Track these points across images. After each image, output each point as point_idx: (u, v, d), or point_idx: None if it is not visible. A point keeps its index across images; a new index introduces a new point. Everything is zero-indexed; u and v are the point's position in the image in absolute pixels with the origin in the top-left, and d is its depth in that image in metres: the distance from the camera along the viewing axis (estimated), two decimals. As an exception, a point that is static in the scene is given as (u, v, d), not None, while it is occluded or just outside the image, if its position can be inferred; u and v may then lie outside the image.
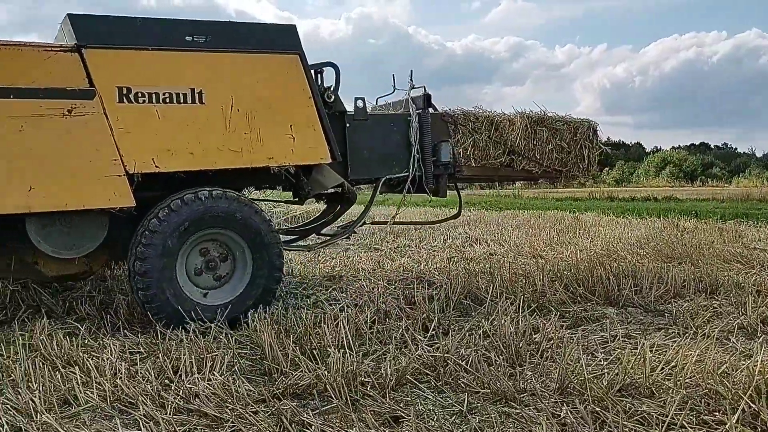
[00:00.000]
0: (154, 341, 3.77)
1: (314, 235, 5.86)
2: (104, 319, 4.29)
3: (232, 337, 3.80)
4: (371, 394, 2.94)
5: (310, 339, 3.64)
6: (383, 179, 5.11)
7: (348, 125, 4.89)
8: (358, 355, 3.36)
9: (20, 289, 4.82)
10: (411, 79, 5.41)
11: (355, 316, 4.08)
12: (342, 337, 3.59)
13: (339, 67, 4.83)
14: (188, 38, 4.10)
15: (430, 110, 5.27)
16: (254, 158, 4.23)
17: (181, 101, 4.03)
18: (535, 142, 5.54)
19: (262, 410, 2.75)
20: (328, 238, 5.47)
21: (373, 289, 5.24)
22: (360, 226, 5.42)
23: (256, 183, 4.98)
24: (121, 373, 3.10)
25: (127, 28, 3.98)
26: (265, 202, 6.81)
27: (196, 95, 4.07)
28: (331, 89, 4.78)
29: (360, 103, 5.00)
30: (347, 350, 3.33)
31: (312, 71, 4.67)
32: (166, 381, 3.10)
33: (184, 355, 3.34)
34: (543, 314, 4.38)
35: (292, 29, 4.43)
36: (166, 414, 2.72)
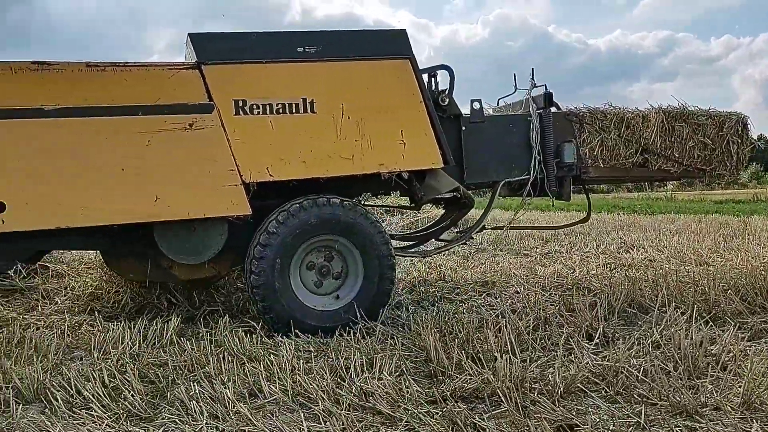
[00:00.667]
0: (323, 341, 3.98)
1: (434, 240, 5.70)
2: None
3: (397, 339, 3.92)
4: (540, 400, 2.92)
5: (473, 343, 3.66)
6: (502, 182, 4.95)
7: (464, 128, 4.81)
8: (523, 361, 3.34)
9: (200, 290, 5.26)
10: (532, 78, 5.24)
11: (515, 322, 4.06)
12: (505, 343, 3.59)
13: (453, 70, 4.77)
14: (300, 49, 4.19)
15: (553, 109, 5.06)
16: (365, 165, 4.27)
17: (294, 111, 4.15)
18: (673, 140, 5.17)
19: (433, 411, 2.82)
20: (445, 244, 5.40)
21: (528, 295, 5.18)
22: (478, 231, 5.27)
23: (369, 189, 4.97)
24: (299, 370, 3.30)
25: (242, 43, 4.16)
26: (383, 208, 6.90)
27: (308, 104, 4.17)
28: (446, 92, 4.72)
29: (476, 105, 4.88)
30: (511, 356, 3.33)
31: (425, 75, 4.68)
32: (338, 379, 3.26)
33: (355, 354, 3.49)
34: (718, 325, 4.10)
35: (402, 34, 4.43)
36: (342, 410, 2.87)
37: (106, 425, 2.74)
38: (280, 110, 4.12)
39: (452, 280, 6.22)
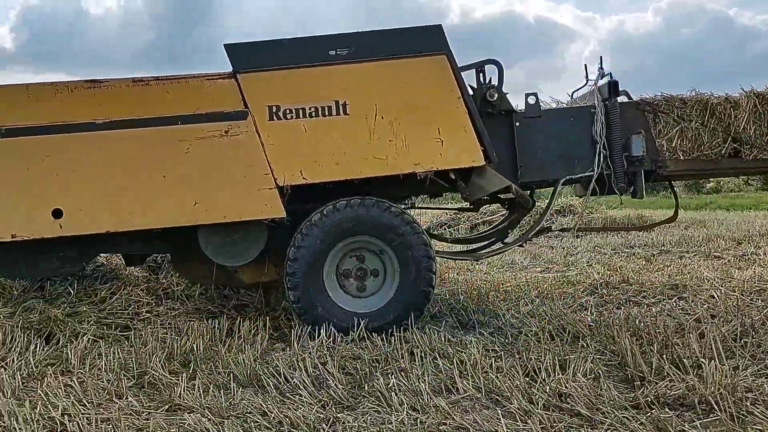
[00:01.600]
0: (507, 341, 3.97)
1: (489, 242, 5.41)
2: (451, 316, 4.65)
3: (588, 341, 3.81)
4: (755, 410, 2.71)
5: (673, 349, 3.47)
6: (562, 180, 4.65)
7: (517, 124, 4.58)
8: (734, 369, 3.11)
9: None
10: (600, 67, 4.86)
11: (717, 328, 3.79)
12: (708, 349, 3.36)
13: (501, 64, 4.59)
14: (331, 52, 4.18)
15: (624, 99, 4.71)
16: (400, 165, 4.18)
17: (326, 114, 4.14)
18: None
19: (638, 416, 2.71)
20: (499, 247, 5.14)
21: (727, 300, 4.80)
22: (536, 234, 5.05)
23: (411, 191, 4.75)
24: (490, 368, 3.33)
25: (274, 50, 4.20)
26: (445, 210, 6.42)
27: (341, 107, 4.15)
28: (494, 87, 4.54)
29: (531, 100, 4.65)
30: (718, 362, 3.11)
31: (473, 70, 4.57)
32: (529, 379, 3.24)
33: (546, 355, 3.45)
34: None
35: (437, 30, 4.27)
36: (538, 409, 2.85)
37: (315, 410, 2.94)
38: (313, 114, 4.14)
39: (636, 282, 5.91)
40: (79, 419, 2.85)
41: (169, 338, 4.09)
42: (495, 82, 4.59)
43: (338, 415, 2.90)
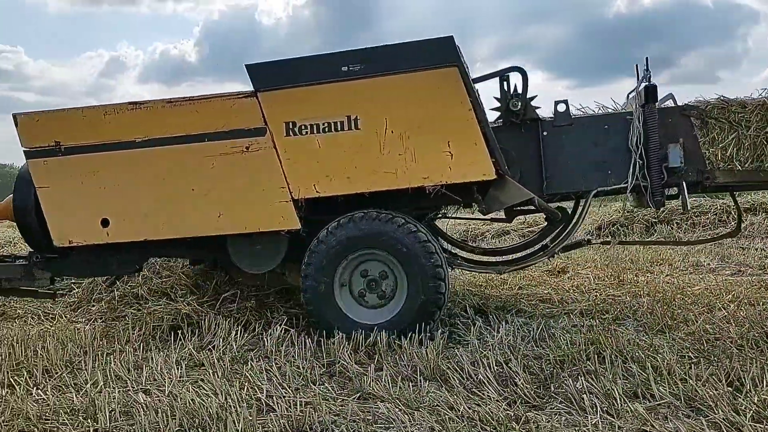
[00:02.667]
0: (703, 347, 3.71)
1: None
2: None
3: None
4: None
5: None
6: (594, 192, 4.42)
7: (545, 133, 4.43)
8: None
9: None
10: (646, 68, 4.39)
11: None
12: None
13: (526, 72, 4.42)
14: (344, 68, 4.18)
15: (669, 104, 4.38)
16: (409, 178, 4.16)
17: (338, 129, 4.18)
18: None
19: None
20: (522, 260, 4.89)
21: None
22: (569, 248, 4.88)
23: (426, 203, 4.52)
24: (687, 375, 3.13)
25: (290, 68, 4.29)
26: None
27: (352, 122, 4.17)
28: (518, 96, 4.40)
29: (561, 107, 4.45)
30: None
31: (496, 78, 4.46)
32: (732, 389, 3.00)
33: (751, 364, 3.19)
34: None
35: (448, 41, 4.11)
36: (747, 420, 2.63)
37: (503, 408, 2.94)
38: (326, 129, 4.20)
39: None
40: (283, 401, 3.07)
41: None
42: (520, 90, 4.46)
43: (527, 414, 2.87)
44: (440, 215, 5.48)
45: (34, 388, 3.45)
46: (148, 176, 4.40)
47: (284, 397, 3.16)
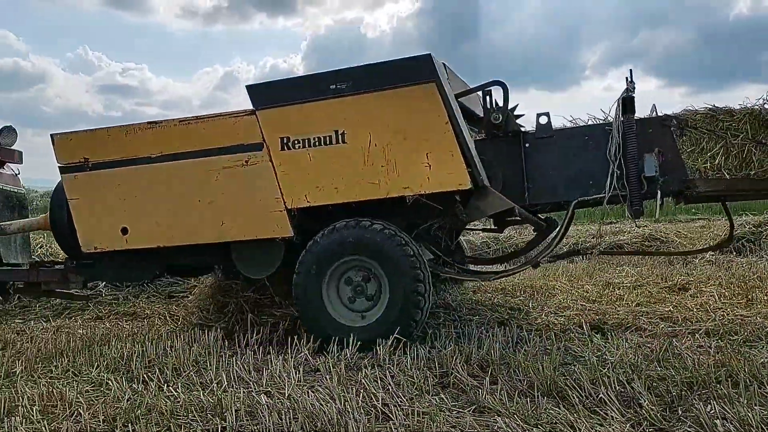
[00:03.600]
0: None
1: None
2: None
3: None
4: None
5: None
6: (575, 202, 4.52)
7: (527, 145, 4.58)
8: None
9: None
10: (630, 79, 4.44)
11: None
12: None
13: (507, 85, 4.58)
14: (332, 87, 4.40)
15: (656, 114, 4.42)
16: (390, 189, 4.33)
17: (327, 143, 4.41)
18: None
19: None
20: (505, 269, 5.08)
21: None
22: (548, 258, 4.94)
23: (411, 213, 4.62)
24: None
25: (285, 87, 4.59)
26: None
27: (340, 136, 4.39)
28: (499, 109, 4.56)
29: (543, 120, 4.60)
30: None
31: (479, 92, 4.65)
32: None
33: None
34: None
35: (426, 58, 4.26)
36: None
37: (628, 429, 2.82)
38: (316, 143, 4.44)
39: None
40: (399, 410, 3.10)
41: (463, 342, 4.28)
42: (501, 103, 4.62)
43: (655, 437, 2.74)
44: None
45: (165, 384, 3.67)
46: (161, 188, 4.80)
47: (400, 406, 3.18)
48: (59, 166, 5.06)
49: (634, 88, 4.49)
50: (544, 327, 4.81)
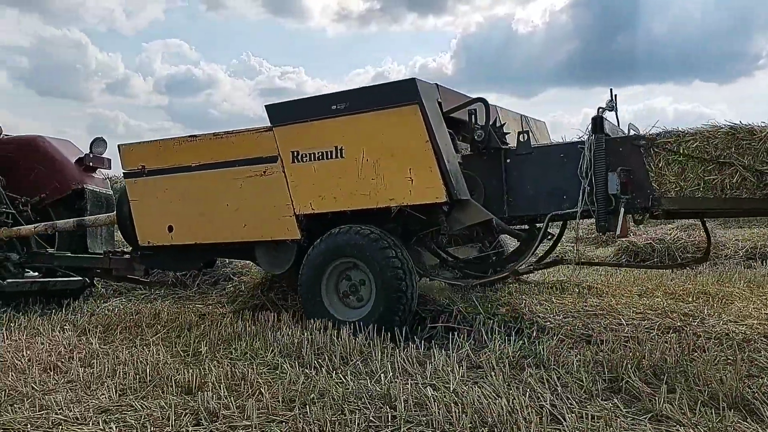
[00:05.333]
0: None
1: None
2: None
3: None
4: None
5: None
6: (549, 216, 4.76)
7: (508, 161, 4.86)
8: None
9: None
10: (612, 99, 4.76)
11: None
12: None
13: (488, 103, 4.86)
14: (333, 107, 4.86)
15: (633, 133, 4.68)
16: (378, 200, 4.74)
17: (328, 157, 4.88)
18: None
19: None
20: (486, 277, 5.41)
21: None
22: (543, 266, 5.60)
23: (405, 221, 5.06)
24: None
25: (296, 107, 5.14)
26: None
27: (338, 151, 4.84)
28: (480, 127, 4.84)
29: (523, 138, 4.89)
30: None
31: (464, 110, 4.97)
32: None
33: None
34: None
35: (411, 83, 4.64)
36: None
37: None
38: (320, 157, 4.92)
39: None
40: (570, 413, 3.01)
41: (631, 346, 4.08)
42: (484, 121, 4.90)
43: None
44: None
45: (333, 371, 3.84)
46: (198, 193, 5.51)
47: (570, 408, 3.09)
48: (123, 172, 5.94)
49: (612, 107, 4.77)
50: (724, 335, 4.46)
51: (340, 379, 3.66)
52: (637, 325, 4.80)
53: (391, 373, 3.71)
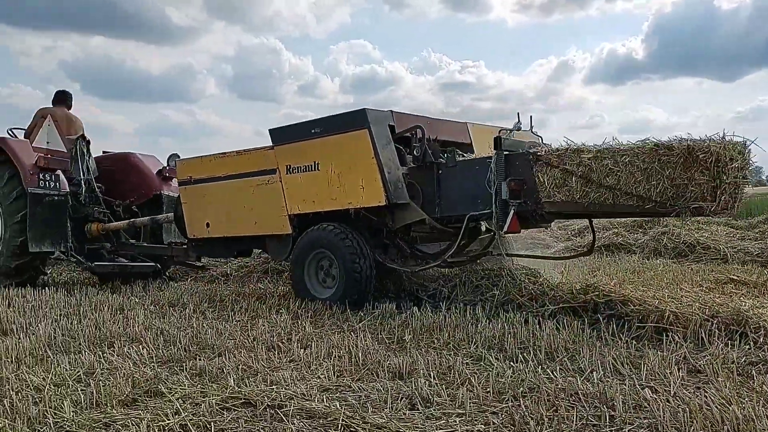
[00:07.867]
0: None
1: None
2: None
3: None
4: None
5: None
6: (467, 216, 5.58)
7: (440, 172, 5.79)
8: None
9: None
10: (518, 121, 5.94)
11: None
12: None
13: (423, 129, 5.88)
14: (312, 131, 6.20)
15: (515, 131, 5.84)
16: (342, 203, 6.06)
17: (310, 170, 6.24)
18: (636, 175, 4.69)
19: None
20: (424, 265, 6.30)
21: None
22: (473, 259, 6.65)
23: (368, 221, 6.17)
24: None
25: (287, 131, 6.50)
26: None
27: (316, 165, 6.20)
28: (418, 147, 5.86)
29: (449, 154, 5.84)
30: None
31: (408, 133, 6.04)
32: None
33: None
34: None
35: (362, 112, 5.84)
36: None
37: None
38: (304, 170, 6.27)
39: None
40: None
41: None
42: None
43: None
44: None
45: (539, 366, 3.77)
46: (225, 197, 7.02)
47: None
48: (178, 181, 7.66)
49: (519, 128, 5.90)
50: None
51: (548, 374, 3.59)
52: None
53: (602, 372, 3.58)
